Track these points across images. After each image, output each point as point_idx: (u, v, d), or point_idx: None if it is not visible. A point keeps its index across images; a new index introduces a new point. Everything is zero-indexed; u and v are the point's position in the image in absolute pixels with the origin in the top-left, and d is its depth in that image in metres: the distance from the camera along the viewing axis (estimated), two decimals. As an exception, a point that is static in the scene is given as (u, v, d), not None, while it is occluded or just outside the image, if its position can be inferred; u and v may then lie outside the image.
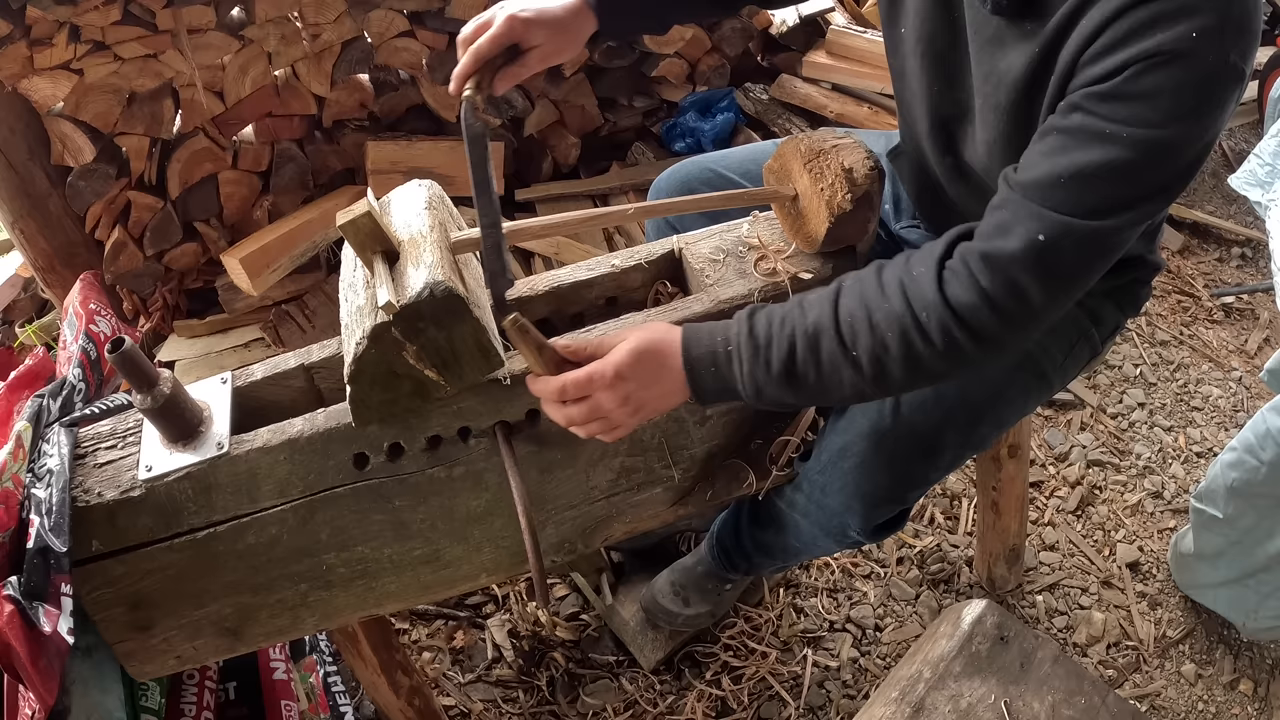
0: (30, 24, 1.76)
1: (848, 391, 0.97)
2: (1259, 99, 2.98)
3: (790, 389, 0.97)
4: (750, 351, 0.97)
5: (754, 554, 1.48)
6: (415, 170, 2.25)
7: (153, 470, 1.00)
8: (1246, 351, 2.40)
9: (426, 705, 1.46)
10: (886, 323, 0.93)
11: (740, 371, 0.97)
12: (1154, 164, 0.86)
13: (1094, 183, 0.87)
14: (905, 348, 0.92)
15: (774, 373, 0.96)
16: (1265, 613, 1.70)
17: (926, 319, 0.92)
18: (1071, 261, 0.90)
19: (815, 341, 0.95)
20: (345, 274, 1.05)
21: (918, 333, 0.92)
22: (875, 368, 0.94)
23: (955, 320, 0.91)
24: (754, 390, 0.97)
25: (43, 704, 0.89)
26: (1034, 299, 0.90)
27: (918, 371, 0.94)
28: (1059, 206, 0.88)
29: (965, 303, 0.91)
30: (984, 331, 0.91)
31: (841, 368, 0.95)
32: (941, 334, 0.91)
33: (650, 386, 0.97)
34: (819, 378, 0.96)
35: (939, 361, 0.93)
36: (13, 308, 2.45)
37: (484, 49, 1.08)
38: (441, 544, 1.13)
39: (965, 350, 0.92)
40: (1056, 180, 0.88)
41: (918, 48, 1.09)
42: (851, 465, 1.16)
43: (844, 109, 2.53)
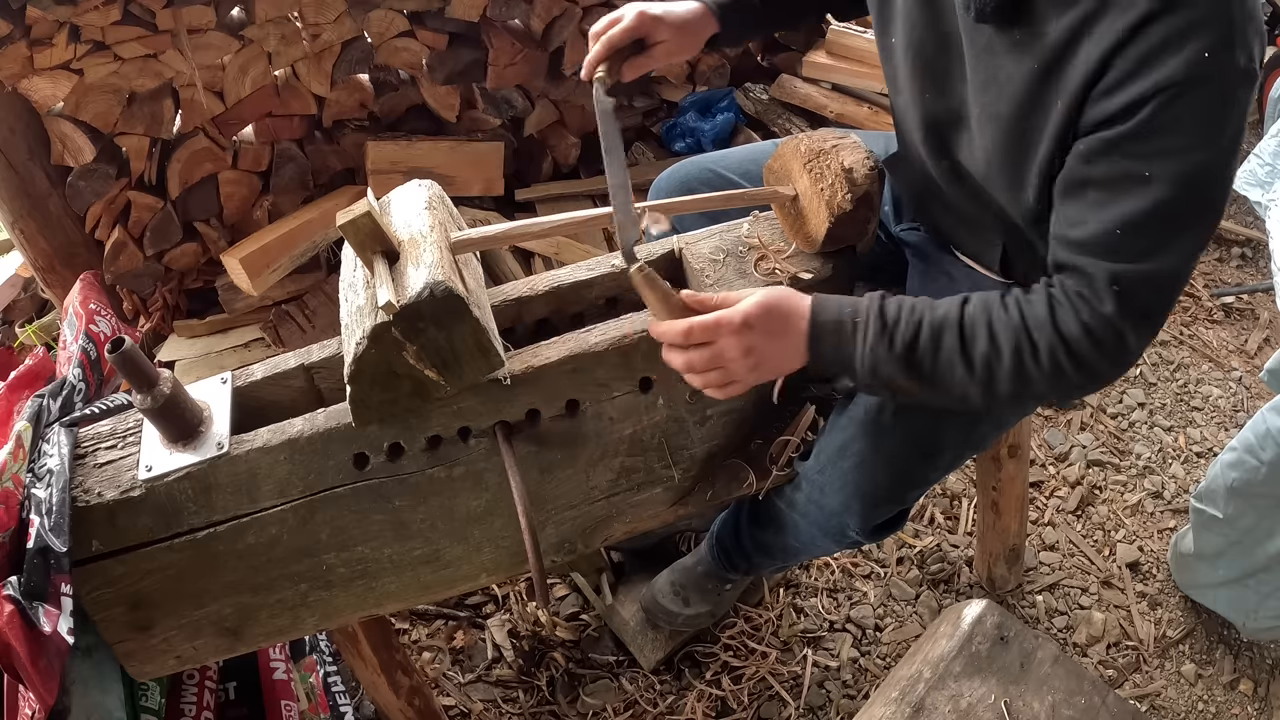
0: (30, 24, 1.76)
1: (955, 391, 0.99)
2: (1259, 99, 2.98)
3: (904, 373, 0.98)
4: (878, 327, 0.98)
5: (754, 554, 1.48)
6: (415, 170, 2.25)
7: (153, 470, 1.00)
8: (1246, 351, 2.40)
9: (426, 705, 1.46)
10: (1004, 333, 0.96)
11: (863, 344, 0.98)
12: (1197, 189, 0.88)
13: (1147, 228, 0.90)
14: (1016, 360, 0.96)
15: (895, 352, 0.97)
16: (1265, 613, 1.70)
17: (1038, 338, 0.95)
18: (1153, 302, 0.94)
19: (939, 332, 0.97)
20: (345, 274, 1.05)
21: (1029, 348, 0.95)
22: (985, 373, 0.97)
23: (1062, 345, 0.94)
24: (870, 366, 0.99)
25: (43, 704, 0.89)
26: (1129, 341, 0.94)
27: (1023, 386, 0.97)
28: (1123, 258, 0.91)
29: (1071, 333, 0.94)
30: (1087, 362, 0.94)
31: (955, 365, 0.97)
32: (1049, 355, 0.95)
33: (773, 341, 0.98)
34: (934, 369, 0.98)
35: (1043, 381, 0.96)
36: (13, 308, 2.45)
37: (616, 38, 1.19)
38: (441, 544, 1.13)
39: (1069, 376, 0.95)
40: (1112, 233, 0.91)
41: (907, 55, 1.10)
42: (850, 465, 1.16)
43: (844, 109, 2.53)
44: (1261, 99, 2.93)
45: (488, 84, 2.30)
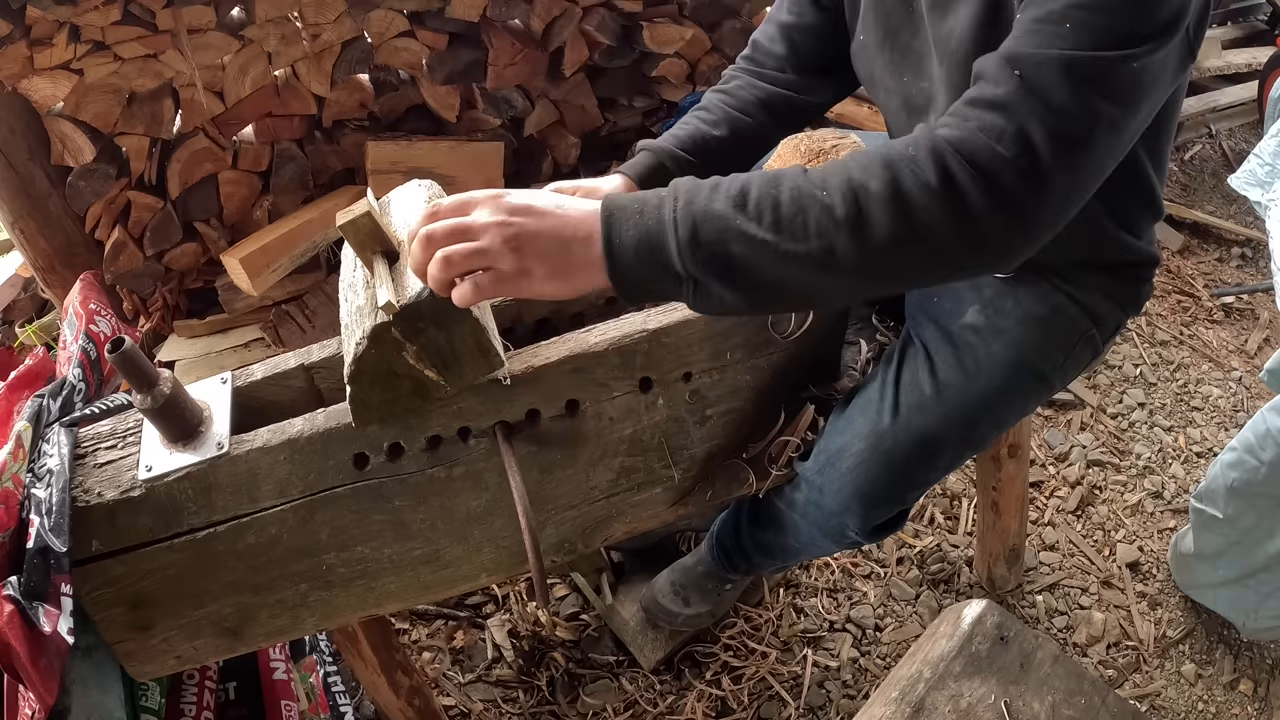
0: (30, 24, 1.76)
1: (814, 243, 0.77)
2: (1259, 99, 2.98)
3: (737, 233, 0.77)
4: (689, 189, 0.80)
5: (753, 554, 1.48)
6: (415, 170, 2.25)
7: (153, 470, 1.00)
8: (1246, 351, 2.40)
9: (426, 705, 1.46)
10: (868, 161, 0.78)
11: (674, 213, 0.79)
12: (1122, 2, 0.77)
13: (1062, 26, 0.77)
14: (891, 182, 0.76)
15: (717, 208, 0.78)
16: (1265, 613, 1.70)
17: (915, 151, 0.77)
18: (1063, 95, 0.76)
19: (775, 180, 0.79)
20: (345, 274, 1.05)
21: (907, 164, 0.76)
22: (850, 205, 0.76)
23: (950, 149, 0.76)
24: (688, 235, 0.78)
25: (43, 704, 0.89)
26: (1034, 135, 0.75)
27: (907, 215, 0.76)
28: (1031, 45, 0.77)
29: (957, 136, 0.76)
30: (986, 165, 0.75)
31: (808, 206, 0.77)
32: (935, 164, 0.75)
33: (546, 215, 0.80)
34: (776, 216, 0.77)
35: (934, 204, 0.75)
36: (13, 308, 2.45)
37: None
38: (441, 544, 1.13)
39: (965, 191, 0.75)
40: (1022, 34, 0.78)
41: (884, 46, 1.09)
42: (849, 466, 1.16)
43: (844, 109, 2.53)
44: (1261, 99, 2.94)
45: (488, 84, 2.30)
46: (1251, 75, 3.11)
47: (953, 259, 0.79)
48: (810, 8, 1.26)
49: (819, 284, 0.80)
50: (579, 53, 2.36)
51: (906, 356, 1.19)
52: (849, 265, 0.78)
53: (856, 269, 0.78)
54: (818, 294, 0.83)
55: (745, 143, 1.25)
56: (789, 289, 0.80)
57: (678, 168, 1.18)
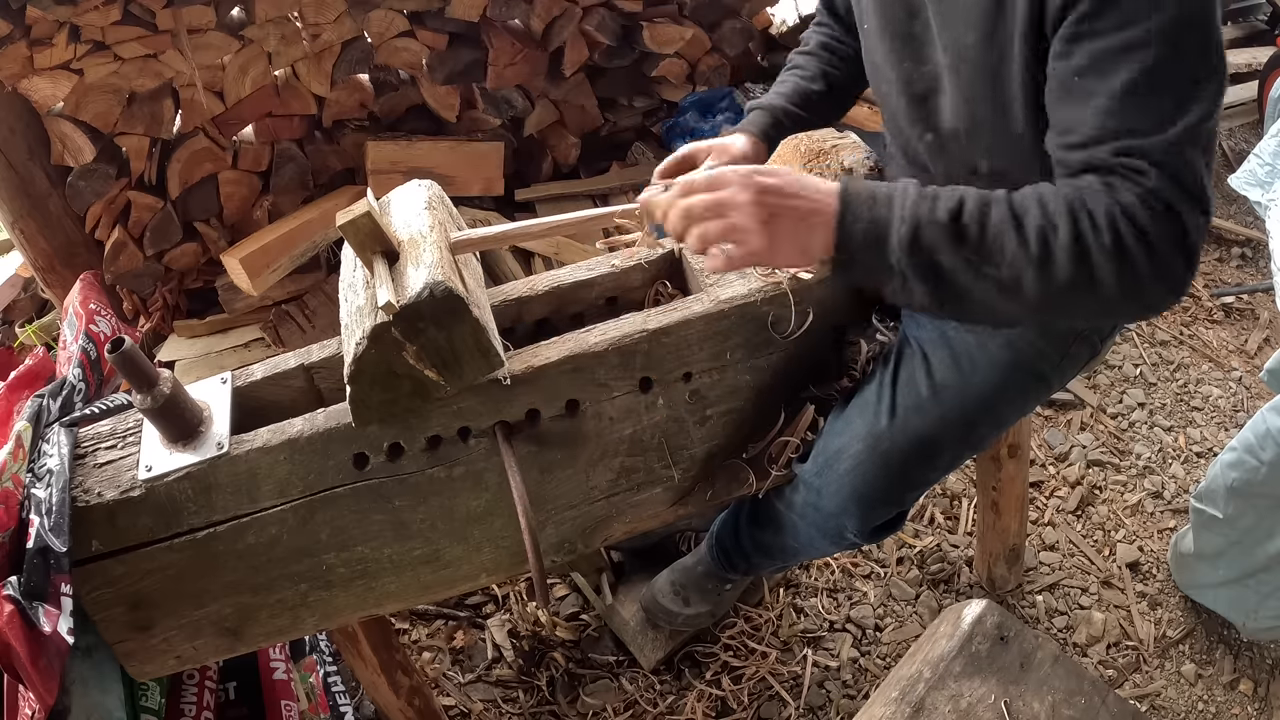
0: (30, 24, 1.76)
1: (1005, 271, 0.88)
2: (1259, 99, 2.98)
3: (949, 242, 0.88)
4: (917, 193, 0.90)
5: (753, 554, 1.48)
6: (415, 170, 2.26)
7: (153, 470, 1.00)
8: (1246, 351, 2.40)
9: (426, 705, 1.46)
10: (1057, 205, 0.87)
11: (901, 208, 0.89)
12: (1180, 44, 0.84)
13: (1147, 95, 0.84)
14: (1073, 230, 0.86)
15: (938, 215, 0.88)
16: (1265, 613, 1.70)
17: (1094, 206, 0.86)
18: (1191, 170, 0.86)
19: (985, 204, 0.89)
20: (345, 274, 1.05)
21: (1087, 218, 0.86)
22: (1041, 246, 0.87)
23: (1123, 213, 0.86)
24: (910, 231, 0.88)
25: (43, 704, 0.89)
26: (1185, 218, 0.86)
27: (1083, 264, 0.87)
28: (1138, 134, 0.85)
29: (1128, 202, 0.86)
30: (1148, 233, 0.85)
31: (1007, 235, 0.88)
32: (1109, 225, 0.86)
33: (793, 201, 0.89)
34: (981, 239, 0.88)
35: (1104, 259, 0.86)
36: (13, 308, 2.45)
37: (661, 168, 1.23)
38: (441, 544, 1.13)
39: (1134, 256, 0.85)
40: (1115, 114, 0.86)
41: (885, 33, 1.10)
42: (847, 468, 1.16)
43: (844, 109, 2.53)
44: (1261, 99, 2.94)
45: (488, 84, 2.30)
46: (1251, 75, 3.11)
47: (1116, 309, 0.92)
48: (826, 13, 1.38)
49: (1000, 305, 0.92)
50: (579, 53, 2.36)
51: (903, 358, 1.19)
52: (1030, 296, 0.89)
53: (1035, 301, 0.90)
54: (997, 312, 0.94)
55: (839, 93, 1.38)
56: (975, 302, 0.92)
57: (790, 121, 1.30)
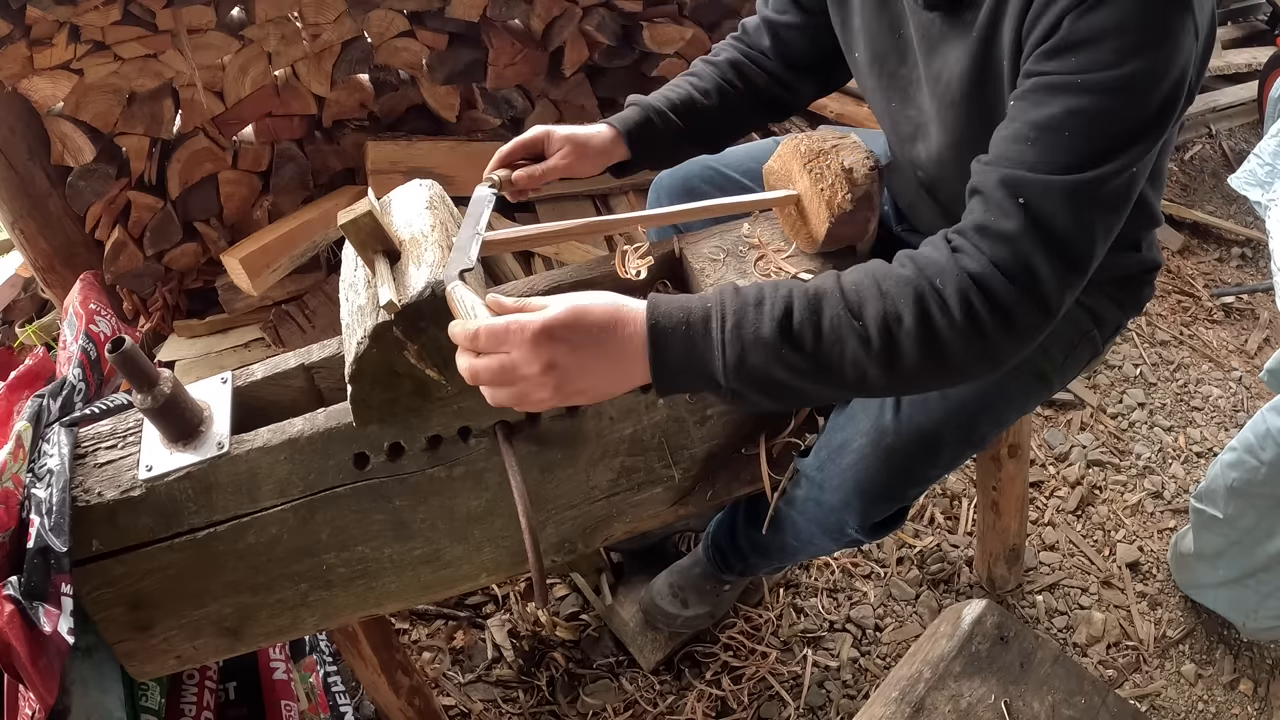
0: (30, 24, 1.76)
1: (848, 372, 0.84)
2: (1259, 99, 2.98)
3: (780, 360, 0.82)
4: (736, 307, 0.83)
5: (750, 554, 1.47)
6: (415, 170, 2.25)
7: (153, 470, 1.01)
8: (1246, 351, 2.40)
9: (426, 705, 1.46)
10: (899, 288, 0.83)
11: (721, 334, 0.82)
12: (1119, 105, 0.82)
13: (1061, 136, 0.83)
14: (921, 317, 0.82)
15: (763, 335, 0.82)
16: (1265, 613, 1.70)
17: (942, 284, 0.83)
18: (1065, 222, 0.83)
19: (816, 303, 0.83)
20: (346, 274, 1.05)
21: (935, 299, 0.83)
22: (884, 339, 0.82)
23: (974, 286, 0.83)
24: (735, 359, 0.82)
25: (43, 704, 0.89)
26: (1039, 266, 0.83)
27: (934, 350, 0.83)
28: (1029, 166, 0.83)
29: (978, 271, 0.83)
30: (1002, 302, 0.83)
31: (845, 337, 0.83)
32: (960, 302, 0.82)
33: (585, 356, 0.81)
34: (817, 347, 0.83)
35: (958, 339, 0.83)
36: (13, 308, 2.45)
37: (507, 151, 1.19)
38: (442, 544, 1.13)
39: (986, 326, 0.83)
40: (1021, 140, 0.84)
41: (872, 69, 1.11)
42: (850, 462, 1.16)
43: (844, 109, 2.53)
44: (1261, 99, 2.94)
45: (488, 84, 2.30)
46: (1251, 75, 3.11)
47: (968, 374, 0.88)
48: (792, 6, 1.27)
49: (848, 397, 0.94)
50: (579, 53, 2.36)
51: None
52: (877, 387, 0.86)
53: (883, 388, 0.87)
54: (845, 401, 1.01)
55: (731, 115, 1.29)
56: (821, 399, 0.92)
57: (664, 125, 1.23)
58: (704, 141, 1.30)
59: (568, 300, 0.81)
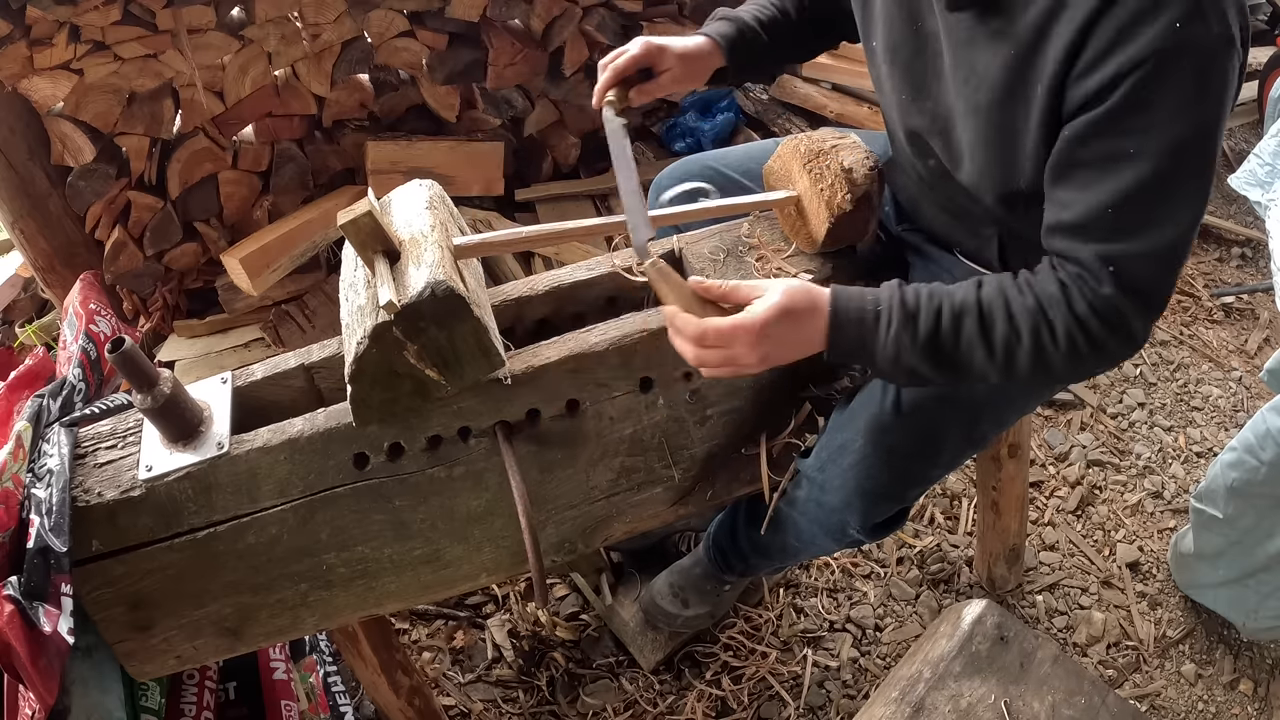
0: (30, 24, 1.76)
1: (974, 375, 1.01)
2: (1259, 99, 2.98)
3: (926, 362, 0.99)
4: (901, 315, 0.99)
5: (750, 554, 1.47)
6: (415, 170, 2.25)
7: (153, 470, 1.00)
8: (1246, 351, 2.40)
9: (426, 705, 1.46)
10: (1022, 315, 0.97)
11: (885, 333, 0.99)
12: (1185, 161, 0.89)
13: (1135, 205, 0.90)
14: (1035, 342, 0.97)
15: (919, 340, 0.98)
16: (1265, 613, 1.70)
17: (1054, 318, 0.96)
18: (1151, 280, 0.94)
19: (959, 319, 0.99)
20: (346, 274, 1.05)
21: (1047, 330, 0.96)
22: (1005, 356, 0.98)
23: (1078, 325, 0.95)
24: (893, 354, 0.99)
25: (43, 704, 0.89)
26: (1133, 323, 0.96)
27: (1041, 366, 0.98)
28: (1115, 237, 0.92)
29: (1082, 314, 0.95)
30: (1098, 339, 0.96)
31: (976, 350, 0.98)
32: (1066, 336, 0.96)
33: (789, 341, 0.98)
34: (954, 355, 0.99)
35: (1060, 362, 0.98)
36: (13, 308, 2.45)
37: (621, 66, 1.24)
38: (441, 544, 1.13)
39: (1084, 356, 0.97)
40: (1103, 213, 0.92)
41: (887, 58, 1.12)
42: (851, 462, 1.16)
43: (844, 109, 2.53)
44: (1261, 99, 2.94)
45: (488, 84, 2.30)
46: (1251, 75, 3.11)
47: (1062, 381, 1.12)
48: None
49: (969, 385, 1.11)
50: (579, 53, 2.36)
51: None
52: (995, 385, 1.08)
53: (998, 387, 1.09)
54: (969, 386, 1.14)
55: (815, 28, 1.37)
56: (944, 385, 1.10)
57: (751, 37, 1.32)
58: (784, 58, 1.41)
59: (775, 295, 0.95)
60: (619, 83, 1.24)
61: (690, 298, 0.97)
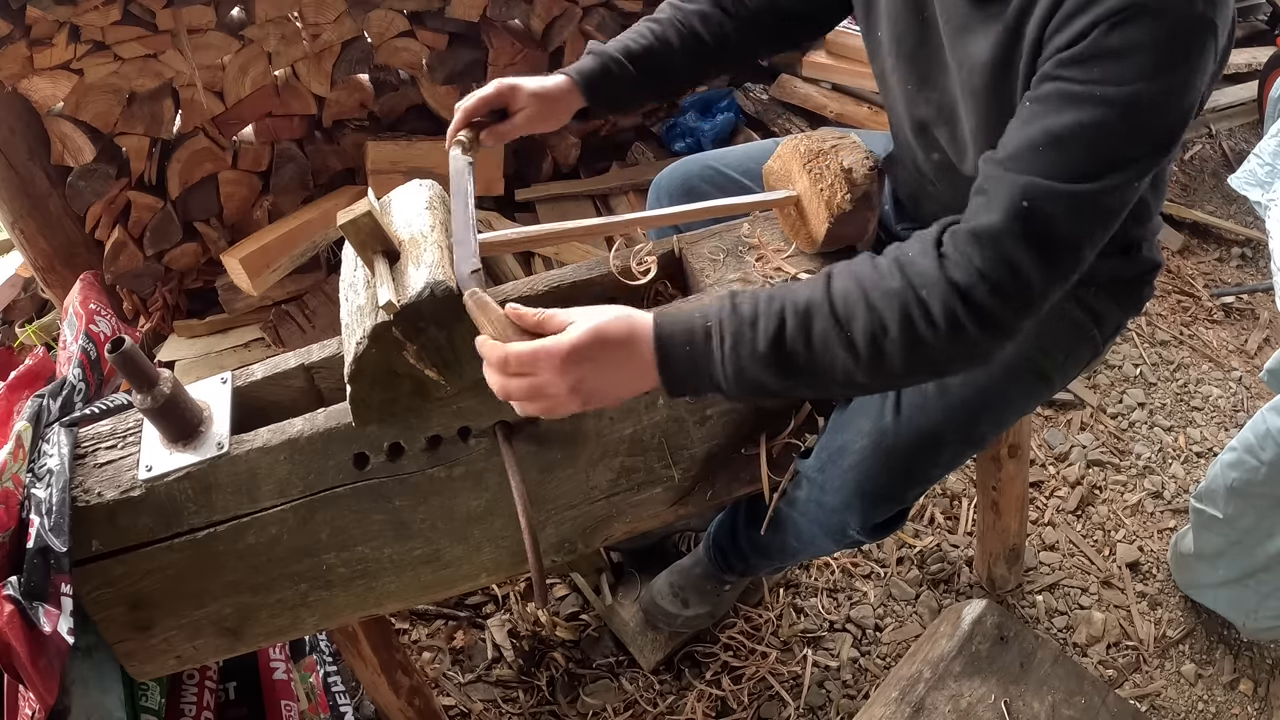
0: (30, 24, 1.76)
1: (839, 377, 0.89)
2: (1259, 99, 2.98)
3: (775, 371, 0.88)
4: (734, 327, 0.89)
5: (751, 555, 1.47)
6: (415, 170, 2.26)
7: (153, 470, 1.01)
8: (1246, 351, 2.40)
9: (426, 705, 1.46)
10: (885, 301, 0.87)
11: (721, 351, 0.89)
12: (1132, 122, 0.84)
13: (1071, 145, 0.85)
14: (906, 328, 0.86)
15: (759, 350, 0.88)
16: (1265, 613, 1.70)
17: (928, 295, 0.86)
18: (1063, 229, 0.86)
19: (807, 318, 0.88)
20: (346, 274, 1.05)
21: (919, 311, 0.86)
22: (871, 350, 0.87)
23: (958, 298, 0.86)
24: (734, 372, 0.89)
25: (43, 704, 0.89)
26: (1029, 273, 0.86)
27: (917, 357, 0.88)
28: (1040, 172, 0.85)
29: (964, 281, 0.86)
30: (986, 310, 0.86)
31: (834, 348, 0.88)
32: (944, 313, 0.86)
33: (606, 373, 0.88)
34: (809, 358, 0.88)
35: (942, 346, 0.87)
36: (13, 308, 2.45)
37: (471, 108, 1.20)
38: (441, 544, 1.13)
39: (969, 333, 0.86)
40: (1034, 146, 0.86)
41: (892, 49, 1.11)
42: (851, 463, 1.16)
43: (844, 109, 2.53)
44: (1261, 99, 2.94)
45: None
46: (1251, 75, 3.11)
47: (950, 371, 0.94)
48: None
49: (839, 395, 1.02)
50: (579, 53, 2.36)
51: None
52: (866, 388, 0.94)
53: (872, 389, 0.95)
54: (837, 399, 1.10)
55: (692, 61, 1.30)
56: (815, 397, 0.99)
57: (619, 73, 1.27)
58: (660, 89, 1.34)
59: (587, 321, 0.87)
60: (469, 124, 1.20)
61: (507, 327, 0.89)
